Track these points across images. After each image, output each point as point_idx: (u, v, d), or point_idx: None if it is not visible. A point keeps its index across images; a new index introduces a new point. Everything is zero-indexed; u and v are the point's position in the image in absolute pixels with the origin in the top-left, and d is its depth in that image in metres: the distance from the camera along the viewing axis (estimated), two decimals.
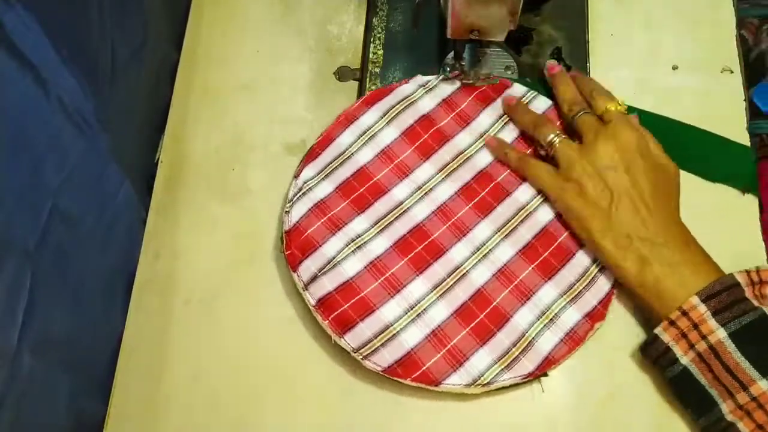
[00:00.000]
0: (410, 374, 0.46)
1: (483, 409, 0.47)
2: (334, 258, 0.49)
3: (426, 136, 0.54)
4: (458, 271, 0.49)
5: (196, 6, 0.63)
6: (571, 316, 0.47)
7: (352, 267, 0.49)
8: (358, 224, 0.50)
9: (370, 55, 0.59)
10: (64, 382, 0.44)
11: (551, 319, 0.47)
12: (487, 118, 0.55)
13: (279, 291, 0.52)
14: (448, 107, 0.55)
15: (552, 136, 0.50)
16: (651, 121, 0.54)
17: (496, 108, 0.55)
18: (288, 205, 0.51)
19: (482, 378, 0.46)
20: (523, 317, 0.47)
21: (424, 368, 0.46)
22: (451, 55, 0.57)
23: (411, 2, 0.59)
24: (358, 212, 0.51)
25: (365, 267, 0.49)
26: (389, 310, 0.47)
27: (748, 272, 0.44)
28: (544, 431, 0.47)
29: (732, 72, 0.57)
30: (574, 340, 0.47)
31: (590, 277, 0.48)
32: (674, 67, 0.58)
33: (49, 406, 0.43)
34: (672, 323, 0.43)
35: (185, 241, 0.54)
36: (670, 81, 0.57)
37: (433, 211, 0.51)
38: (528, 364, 0.46)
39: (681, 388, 0.44)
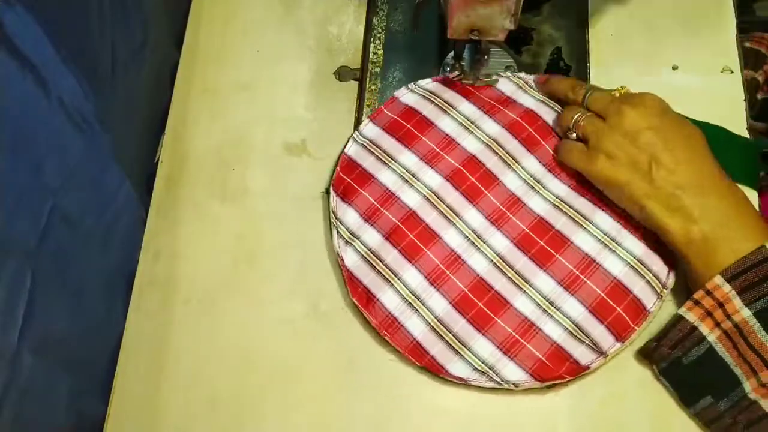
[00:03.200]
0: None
1: (483, 409, 0.48)
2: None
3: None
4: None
5: (196, 6, 0.63)
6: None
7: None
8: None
9: (370, 55, 0.59)
10: (64, 382, 0.44)
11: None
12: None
13: (279, 291, 0.52)
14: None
15: (576, 115, 0.49)
16: None
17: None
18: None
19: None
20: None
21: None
22: (451, 55, 0.57)
23: (411, 2, 0.59)
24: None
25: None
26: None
27: None
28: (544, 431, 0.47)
29: (732, 72, 0.57)
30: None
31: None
32: (674, 67, 0.58)
33: (49, 406, 0.43)
34: (697, 303, 0.43)
35: (185, 241, 0.54)
36: (670, 81, 0.57)
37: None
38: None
39: (704, 370, 0.43)
